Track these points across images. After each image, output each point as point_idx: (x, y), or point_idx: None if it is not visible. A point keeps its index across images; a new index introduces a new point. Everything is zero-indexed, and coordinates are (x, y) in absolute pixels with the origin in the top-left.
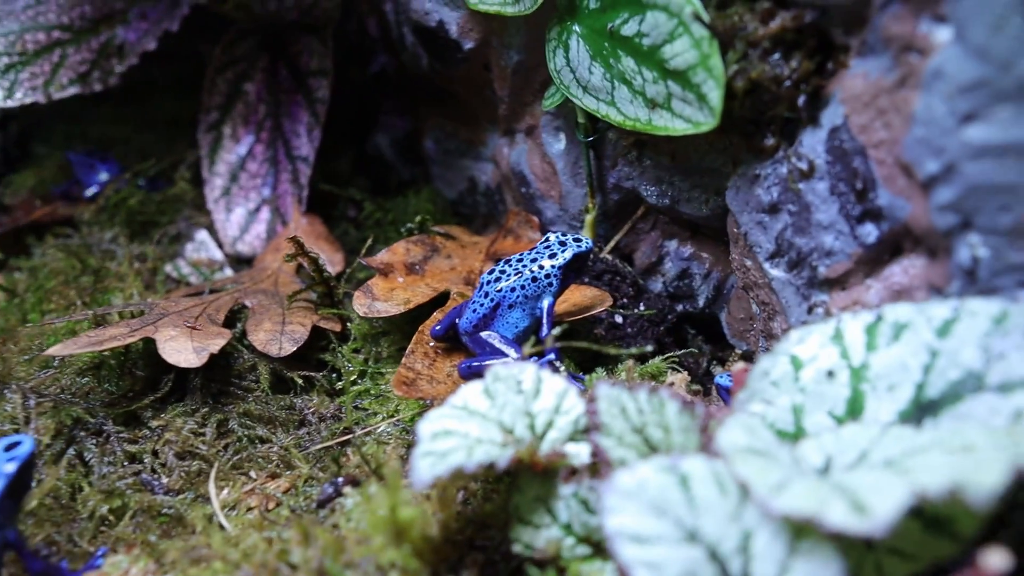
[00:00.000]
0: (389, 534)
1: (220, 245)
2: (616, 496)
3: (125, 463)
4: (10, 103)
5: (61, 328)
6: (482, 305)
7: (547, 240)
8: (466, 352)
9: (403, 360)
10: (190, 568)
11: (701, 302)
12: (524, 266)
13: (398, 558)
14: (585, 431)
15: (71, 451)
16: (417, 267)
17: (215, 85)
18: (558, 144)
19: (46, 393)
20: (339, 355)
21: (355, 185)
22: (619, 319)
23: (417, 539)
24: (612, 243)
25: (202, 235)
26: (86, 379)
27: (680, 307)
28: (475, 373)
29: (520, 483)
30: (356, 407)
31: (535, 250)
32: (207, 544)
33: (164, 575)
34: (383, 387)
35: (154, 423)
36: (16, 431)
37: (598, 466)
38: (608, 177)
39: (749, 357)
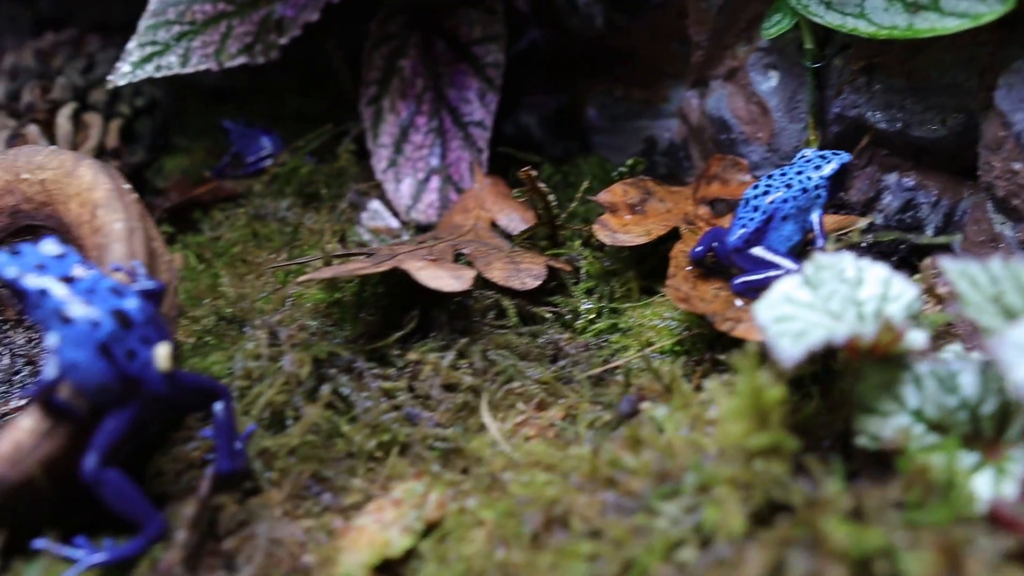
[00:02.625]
0: (753, 418)
1: (395, 213)
2: (1014, 349)
3: (383, 399)
4: (187, 69)
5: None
6: (752, 219)
7: (803, 155)
8: (725, 275)
9: (667, 281)
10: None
11: (930, 231)
12: (790, 179)
13: (768, 441)
14: (915, 317)
15: (324, 388)
16: (637, 208)
17: (372, 60)
18: (768, 82)
19: (290, 331)
20: (574, 295)
21: None
22: None
23: (780, 423)
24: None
25: (375, 204)
26: (315, 322)
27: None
28: (753, 288)
29: (863, 371)
30: (605, 343)
31: (794, 165)
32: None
33: (467, 497)
34: (627, 321)
35: (400, 362)
36: (261, 369)
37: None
38: (830, 108)
39: None
